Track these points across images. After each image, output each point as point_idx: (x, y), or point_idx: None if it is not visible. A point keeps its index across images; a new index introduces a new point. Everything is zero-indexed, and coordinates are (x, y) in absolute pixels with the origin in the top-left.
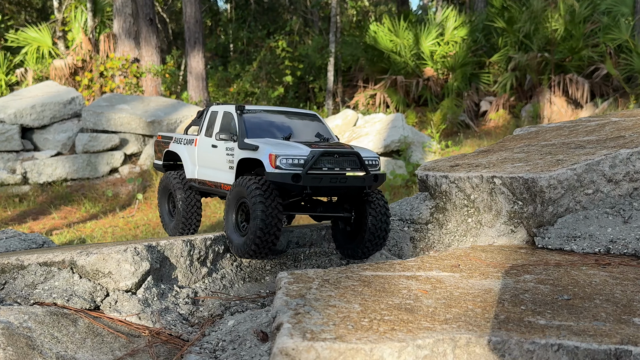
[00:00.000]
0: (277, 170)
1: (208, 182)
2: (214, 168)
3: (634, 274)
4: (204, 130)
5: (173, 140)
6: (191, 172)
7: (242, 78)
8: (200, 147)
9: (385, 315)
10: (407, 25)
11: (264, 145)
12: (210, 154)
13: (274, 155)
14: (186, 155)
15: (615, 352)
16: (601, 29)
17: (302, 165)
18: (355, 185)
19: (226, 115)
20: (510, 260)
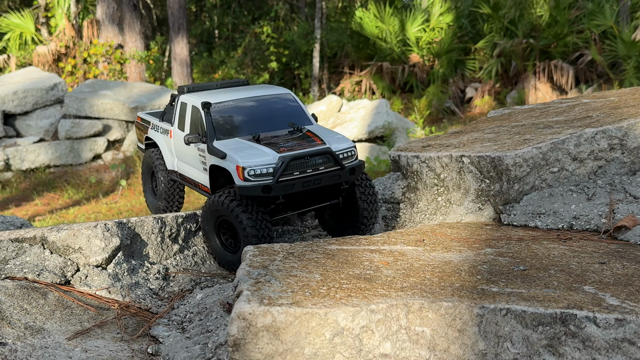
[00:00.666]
0: (246, 183)
1: (187, 178)
2: (191, 165)
3: (593, 248)
4: (176, 123)
5: (151, 126)
6: (171, 164)
7: (227, 64)
8: (176, 140)
9: (344, 284)
10: (392, 11)
11: (232, 153)
12: (185, 149)
13: (241, 168)
14: (164, 145)
15: (560, 316)
16: (586, 15)
17: (272, 175)
18: (331, 183)
19: (194, 111)
20: (475, 235)
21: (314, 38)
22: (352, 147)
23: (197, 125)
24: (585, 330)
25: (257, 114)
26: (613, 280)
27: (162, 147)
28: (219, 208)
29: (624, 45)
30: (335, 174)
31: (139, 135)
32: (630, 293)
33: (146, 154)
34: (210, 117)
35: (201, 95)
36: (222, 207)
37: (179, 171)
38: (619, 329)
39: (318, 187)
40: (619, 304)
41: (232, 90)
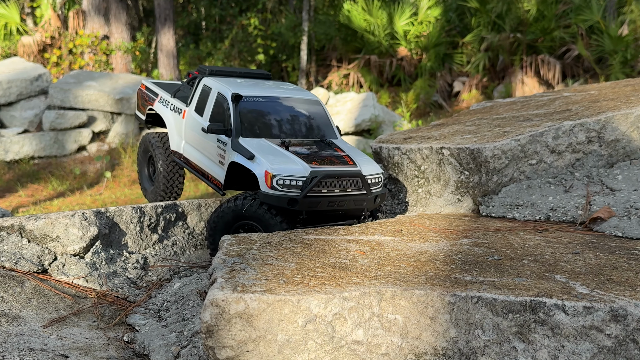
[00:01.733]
0: (272, 192)
1: (194, 164)
2: (203, 153)
3: (568, 239)
4: (194, 105)
5: (159, 98)
6: (176, 145)
7: (214, 56)
8: (189, 123)
9: (319, 272)
10: (380, 4)
11: (261, 156)
12: (199, 135)
13: (270, 175)
14: (172, 124)
15: (530, 304)
16: (573, 9)
17: (301, 188)
18: (355, 207)
19: (220, 100)
20: (453, 226)
21: (301, 30)
22: (381, 174)
23: (220, 115)
24: (554, 317)
25: (286, 116)
26: (585, 270)
27: (169, 125)
28: (244, 214)
29: (611, 40)
30: (360, 199)
31: (139, 104)
32: (601, 282)
33: (145, 137)
34: (239, 112)
35: (228, 84)
36: (252, 213)
37: (184, 154)
38: (587, 317)
39: (341, 208)
40: (588, 293)
41: (260, 84)
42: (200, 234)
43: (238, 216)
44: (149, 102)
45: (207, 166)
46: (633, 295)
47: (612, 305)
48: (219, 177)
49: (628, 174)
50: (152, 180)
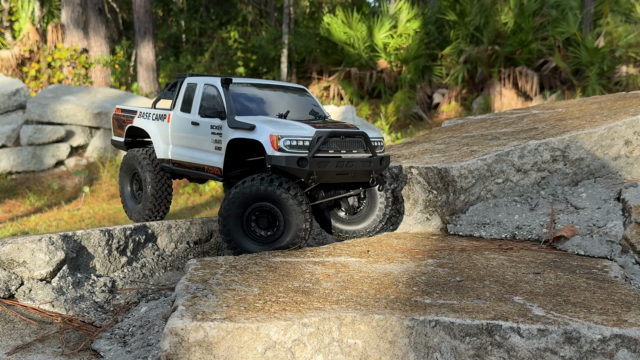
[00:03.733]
0: (279, 154)
1: (186, 163)
2: (195, 148)
3: (531, 258)
4: (179, 105)
5: (137, 114)
6: (163, 152)
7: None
8: (175, 124)
9: (281, 297)
10: (360, 17)
11: (262, 124)
12: (189, 132)
13: (276, 136)
14: (156, 132)
15: (487, 327)
16: (550, 22)
17: (307, 148)
18: (363, 169)
19: (208, 89)
20: (420, 246)
21: (282, 43)
22: (382, 138)
23: (210, 104)
24: (509, 340)
25: (277, 99)
26: (543, 291)
27: (153, 136)
28: (261, 194)
29: (587, 52)
30: (366, 161)
31: (116, 127)
32: (557, 303)
33: (128, 153)
34: (230, 93)
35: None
36: (270, 193)
37: (173, 158)
38: (541, 339)
39: (350, 170)
40: (544, 315)
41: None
42: (171, 255)
43: (251, 198)
44: (128, 121)
45: (201, 158)
46: (588, 317)
47: (566, 328)
48: (216, 163)
49: (592, 192)
50: (136, 198)
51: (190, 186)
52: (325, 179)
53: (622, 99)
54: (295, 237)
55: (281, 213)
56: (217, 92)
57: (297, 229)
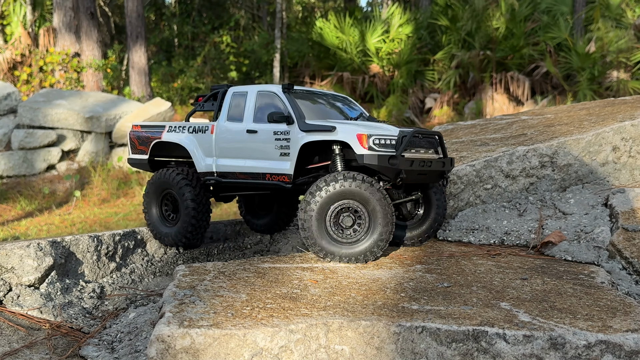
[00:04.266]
0: (370, 152)
1: (239, 174)
2: (252, 157)
3: (519, 263)
4: (225, 115)
5: (166, 129)
6: (206, 165)
7: (186, 73)
8: (223, 135)
9: (269, 303)
10: (352, 22)
11: (344, 125)
12: (243, 141)
13: (365, 135)
14: (196, 145)
15: (473, 333)
16: (541, 27)
17: (394, 147)
18: (438, 169)
19: (265, 96)
20: (408, 252)
21: (274, 48)
22: None
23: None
24: (495, 346)
25: (331, 104)
26: (530, 297)
27: (191, 149)
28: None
29: (578, 57)
30: (440, 160)
31: (137, 145)
32: (544, 309)
33: (158, 174)
34: (294, 98)
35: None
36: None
37: (220, 170)
38: (527, 345)
39: (429, 169)
40: (529, 321)
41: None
42: (160, 260)
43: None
44: (153, 137)
45: (261, 167)
46: (573, 322)
47: (551, 334)
48: (283, 170)
49: (580, 197)
50: (167, 220)
51: None
52: (409, 179)
53: (610, 105)
54: (380, 240)
55: (367, 213)
56: (278, 99)
57: (381, 230)
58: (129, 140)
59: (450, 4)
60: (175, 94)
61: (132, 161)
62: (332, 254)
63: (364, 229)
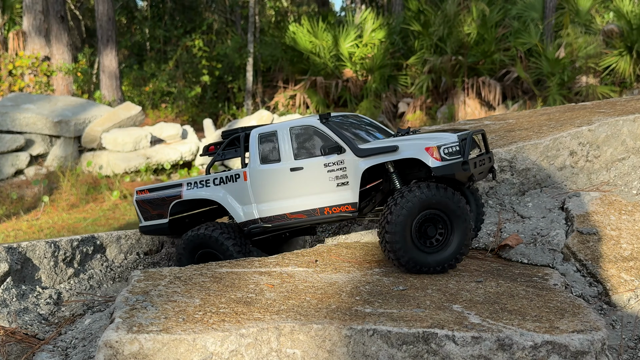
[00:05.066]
0: (443, 163)
1: (290, 215)
2: (301, 195)
3: (476, 266)
4: (257, 158)
5: (185, 186)
6: (246, 214)
7: (158, 77)
8: (261, 179)
9: (222, 308)
10: (325, 26)
11: (405, 142)
12: (287, 181)
13: (435, 147)
14: (227, 195)
15: (423, 335)
16: (512, 33)
17: (458, 153)
18: (488, 165)
19: (299, 131)
20: (369, 255)
21: (247, 52)
22: None
23: (309, 145)
24: (445, 348)
25: (364, 127)
26: (483, 299)
27: (225, 201)
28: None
29: (548, 62)
30: (487, 157)
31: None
32: (494, 311)
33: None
34: (334, 127)
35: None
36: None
37: (264, 215)
38: (475, 346)
39: (483, 167)
40: (479, 322)
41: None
42: (119, 266)
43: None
44: (171, 198)
45: (316, 202)
46: (521, 324)
47: (499, 335)
48: (345, 200)
49: (538, 201)
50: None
51: None
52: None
53: (570, 110)
54: (462, 246)
55: (450, 222)
56: (317, 131)
57: (464, 237)
58: (137, 207)
59: (422, 9)
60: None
61: (147, 229)
62: (421, 264)
63: (447, 236)
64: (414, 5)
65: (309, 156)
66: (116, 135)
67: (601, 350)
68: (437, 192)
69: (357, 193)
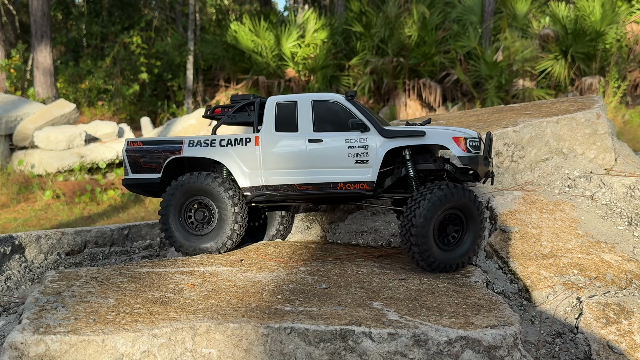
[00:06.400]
0: (468, 154)
1: (300, 185)
2: (315, 167)
3: (402, 264)
4: (272, 125)
5: (186, 143)
6: (251, 179)
7: (95, 74)
8: (274, 146)
9: (137, 308)
10: (267, 25)
11: (433, 129)
12: (305, 151)
13: (462, 138)
14: (236, 159)
15: (340, 332)
16: (452, 36)
17: (478, 148)
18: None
19: (323, 105)
20: (295, 254)
21: (187, 50)
22: None
23: (330, 119)
24: (361, 345)
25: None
26: (404, 296)
27: (230, 164)
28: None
29: (486, 65)
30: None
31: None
32: (413, 308)
33: (188, 178)
34: (360, 106)
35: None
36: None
37: (270, 183)
38: (391, 343)
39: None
40: (397, 319)
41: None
42: (39, 267)
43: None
44: (168, 153)
45: (330, 177)
46: (438, 320)
47: (415, 331)
48: (361, 178)
49: None
50: (188, 229)
51: (86, 195)
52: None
53: (498, 111)
54: (475, 244)
55: (465, 220)
56: (341, 107)
57: (477, 236)
58: (126, 158)
59: (364, 10)
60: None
61: (133, 182)
62: (441, 261)
63: (461, 234)
64: (356, 6)
65: (330, 130)
66: (49, 133)
67: (513, 345)
68: (457, 192)
69: (376, 173)
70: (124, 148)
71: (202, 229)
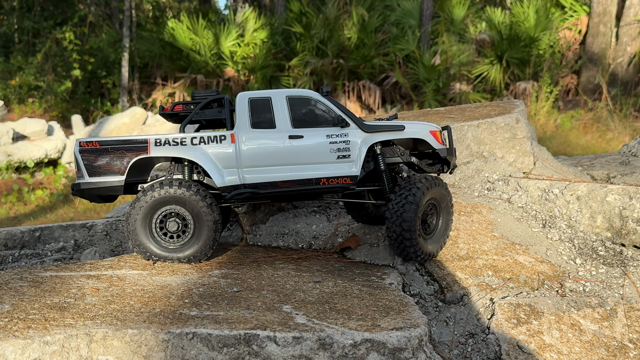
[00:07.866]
0: (446, 147)
1: (281, 182)
2: (296, 163)
3: (319, 266)
4: (247, 122)
5: (152, 142)
6: (230, 178)
7: (25, 70)
8: (252, 143)
9: (32, 314)
10: (206, 24)
11: (410, 124)
12: (282, 148)
13: (438, 132)
14: (211, 158)
15: (244, 337)
16: (391, 39)
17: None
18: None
19: (299, 101)
20: (212, 257)
21: (122, 46)
22: None
23: (307, 116)
24: (266, 349)
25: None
26: (315, 299)
27: (205, 163)
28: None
29: (425, 69)
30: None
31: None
32: (323, 311)
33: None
34: (335, 102)
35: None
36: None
37: (249, 182)
38: (296, 347)
39: None
40: (304, 322)
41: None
42: None
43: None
44: (133, 153)
45: (312, 173)
46: (345, 323)
47: (320, 334)
48: (344, 173)
49: None
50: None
51: (13, 195)
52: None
53: (424, 115)
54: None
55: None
56: (319, 103)
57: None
58: (79, 160)
59: (304, 11)
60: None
61: (91, 187)
62: (428, 253)
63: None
64: (296, 6)
65: (309, 126)
66: None
67: (418, 347)
68: (436, 183)
69: (359, 167)
70: (76, 149)
71: (176, 241)
